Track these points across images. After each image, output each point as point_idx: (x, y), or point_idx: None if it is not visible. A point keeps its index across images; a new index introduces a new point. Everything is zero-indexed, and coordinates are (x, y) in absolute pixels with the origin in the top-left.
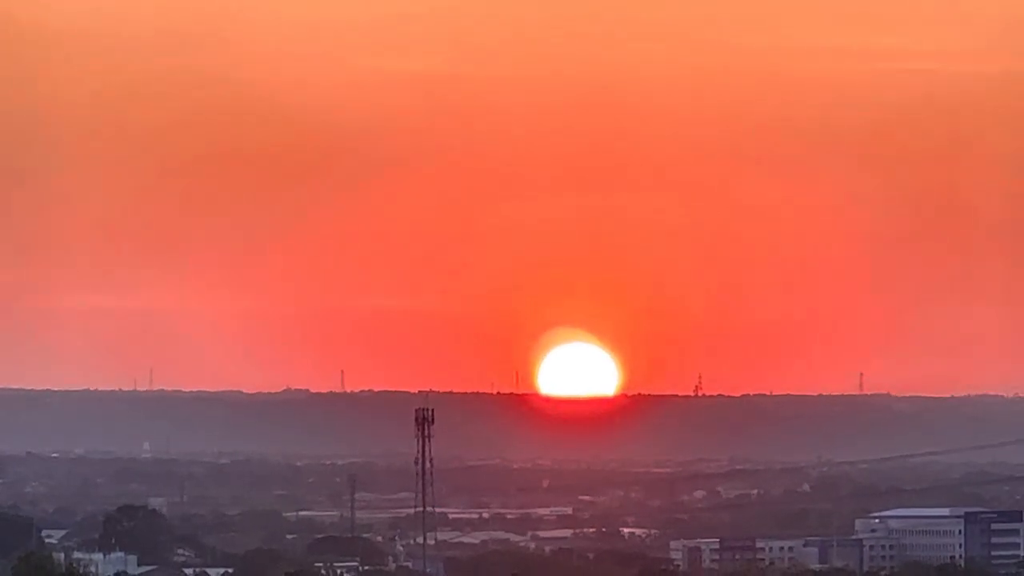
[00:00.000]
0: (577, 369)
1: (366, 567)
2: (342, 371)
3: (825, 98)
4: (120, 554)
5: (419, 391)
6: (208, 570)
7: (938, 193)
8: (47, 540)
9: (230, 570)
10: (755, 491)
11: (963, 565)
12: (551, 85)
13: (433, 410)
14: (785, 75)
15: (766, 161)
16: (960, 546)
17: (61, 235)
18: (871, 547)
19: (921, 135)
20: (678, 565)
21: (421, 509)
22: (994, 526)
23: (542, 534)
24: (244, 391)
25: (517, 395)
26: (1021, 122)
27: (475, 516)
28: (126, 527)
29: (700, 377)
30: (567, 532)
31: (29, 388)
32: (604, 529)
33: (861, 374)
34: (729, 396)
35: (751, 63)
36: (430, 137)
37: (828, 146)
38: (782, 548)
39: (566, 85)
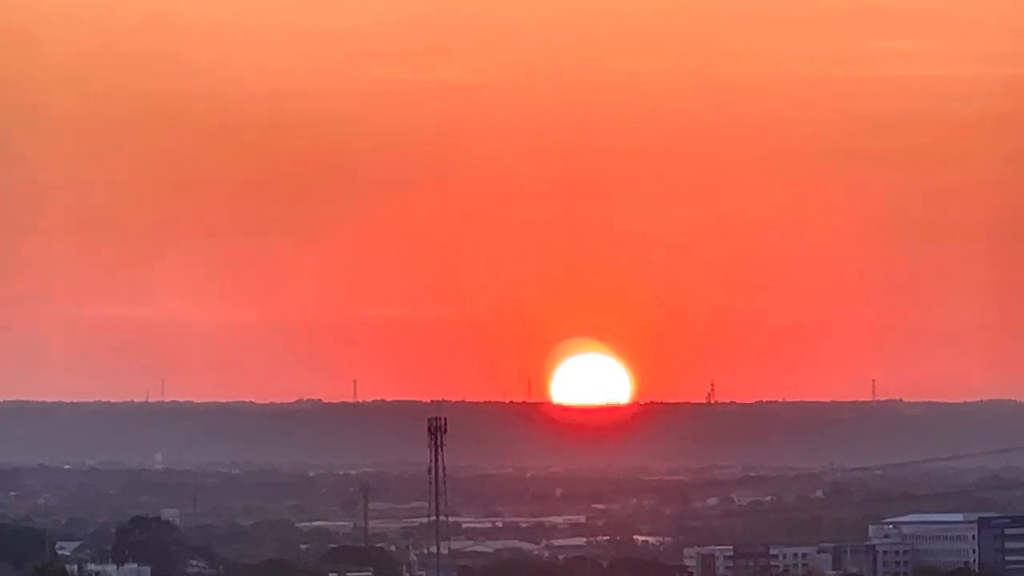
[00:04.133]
0: (589, 377)
1: None
2: (354, 381)
3: (834, 102)
4: (133, 565)
5: (432, 400)
6: None
7: (951, 197)
8: (60, 552)
9: None
10: (768, 498)
11: (977, 570)
12: (560, 95)
13: (446, 419)
14: (796, 79)
15: (778, 168)
16: (974, 552)
17: (73, 246)
18: (885, 553)
19: (934, 138)
20: (692, 573)
21: (434, 518)
22: (1008, 531)
23: (555, 542)
24: (256, 401)
25: (530, 404)
26: None
27: (488, 525)
28: (139, 538)
29: (712, 384)
30: (580, 540)
31: (41, 400)
32: (617, 537)
33: (873, 380)
34: (742, 403)
35: (766, 70)
36: (442, 147)
37: (840, 151)
38: (795, 555)
39: (576, 95)
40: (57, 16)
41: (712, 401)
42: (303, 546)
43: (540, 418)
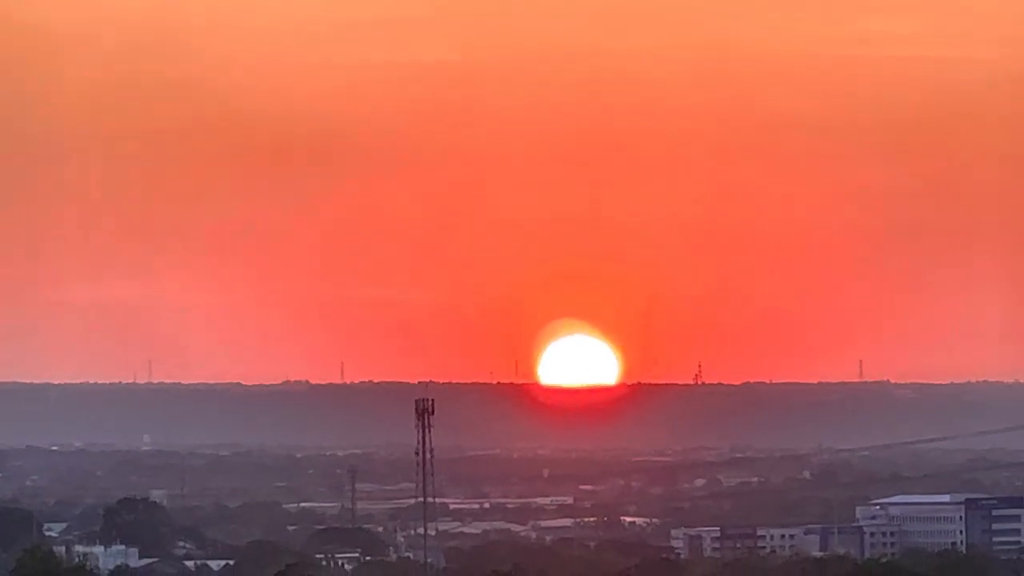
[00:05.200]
0: (577, 359)
1: (367, 558)
2: (342, 362)
3: (821, 88)
4: (121, 547)
5: (419, 382)
6: (209, 562)
7: (936, 181)
8: (48, 533)
9: (231, 562)
10: (756, 479)
11: (964, 552)
12: (550, 79)
13: (433, 400)
14: (784, 65)
15: (764, 151)
16: (961, 532)
17: (60, 229)
18: (872, 534)
19: (921, 124)
20: (679, 554)
21: (422, 499)
22: (995, 512)
23: (543, 524)
24: (243, 383)
25: (517, 385)
26: (1022, 112)
27: (476, 506)
28: (127, 520)
29: (700, 366)
30: (568, 521)
31: (29, 381)
32: (605, 518)
33: (861, 361)
34: (729, 384)
35: (753, 53)
36: (430, 129)
37: (826, 135)
38: (783, 536)
39: (565, 79)
40: (53, 11)
41: (699, 382)
42: (290, 527)
43: (528, 399)
